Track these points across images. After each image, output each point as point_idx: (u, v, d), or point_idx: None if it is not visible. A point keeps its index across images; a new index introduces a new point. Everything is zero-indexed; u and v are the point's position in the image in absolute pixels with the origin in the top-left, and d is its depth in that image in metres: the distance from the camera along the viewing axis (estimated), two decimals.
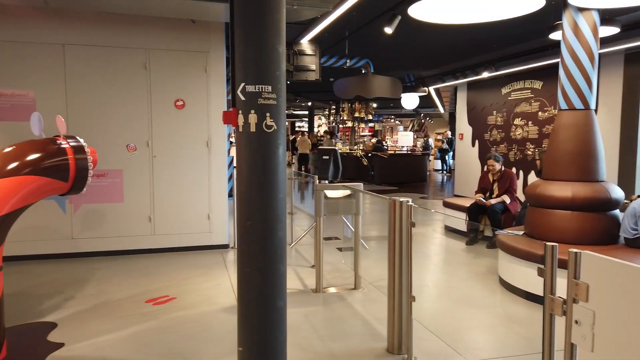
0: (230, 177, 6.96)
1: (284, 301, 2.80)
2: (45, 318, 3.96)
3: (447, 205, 7.96)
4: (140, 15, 5.74)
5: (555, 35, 6.15)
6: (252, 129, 2.61)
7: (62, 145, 3.51)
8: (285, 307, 2.82)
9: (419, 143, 21.10)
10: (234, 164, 6.63)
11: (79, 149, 3.55)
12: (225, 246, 6.39)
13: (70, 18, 5.57)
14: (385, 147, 17.34)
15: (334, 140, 16.88)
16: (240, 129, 2.65)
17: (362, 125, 19.49)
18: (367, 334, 3.73)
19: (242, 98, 2.61)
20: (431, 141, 22.86)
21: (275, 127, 2.64)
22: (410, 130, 24.81)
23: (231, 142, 9.18)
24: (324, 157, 4.44)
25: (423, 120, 26.43)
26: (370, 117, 17.39)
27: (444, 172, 19.51)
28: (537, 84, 9.60)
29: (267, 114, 2.60)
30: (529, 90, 9.82)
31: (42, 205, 5.42)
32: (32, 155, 3.37)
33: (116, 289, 4.72)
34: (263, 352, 2.72)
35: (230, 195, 6.68)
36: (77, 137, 3.65)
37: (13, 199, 3.21)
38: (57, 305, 4.25)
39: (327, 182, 4.97)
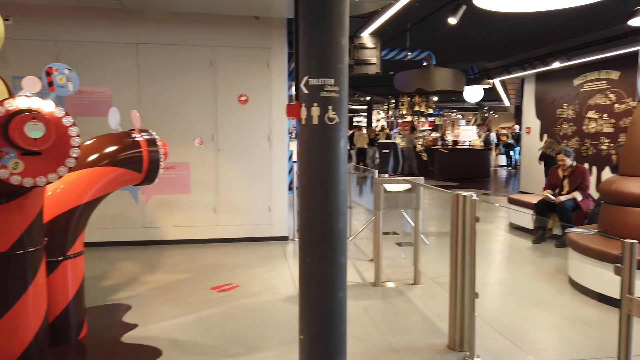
0: (290, 171, 7.09)
1: (344, 292, 2.83)
2: (120, 300, 4.25)
3: (512, 201, 7.65)
4: (207, 14, 5.96)
5: (634, 22, 5.72)
6: (315, 121, 2.65)
7: (137, 139, 3.73)
8: (345, 298, 2.84)
9: (480, 138, 20.38)
10: (294, 157, 6.73)
11: (151, 142, 3.76)
12: (285, 238, 6.52)
13: (143, 19, 5.89)
14: (444, 141, 16.88)
15: (413, 135, 16.49)
16: (303, 122, 2.69)
17: (422, 119, 19.08)
18: (427, 329, 3.69)
19: (305, 91, 2.65)
20: (493, 135, 21.99)
21: (337, 120, 2.66)
22: (473, 125, 24.02)
23: (291, 136, 9.33)
24: (384, 150, 4.40)
25: (487, 114, 25.49)
26: (430, 110, 17.00)
27: (509, 167, 18.73)
28: (614, 75, 8.97)
29: (330, 107, 2.63)
30: (605, 81, 9.19)
31: (117, 195, 5.76)
32: (109, 147, 3.61)
33: (183, 276, 4.96)
34: (323, 342, 2.77)
35: (289, 188, 6.80)
36: (150, 131, 3.86)
37: (93, 188, 3.46)
38: (131, 289, 4.54)
39: (386, 175, 4.93)
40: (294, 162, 6.98)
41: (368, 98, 22.10)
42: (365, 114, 25.44)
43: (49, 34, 5.70)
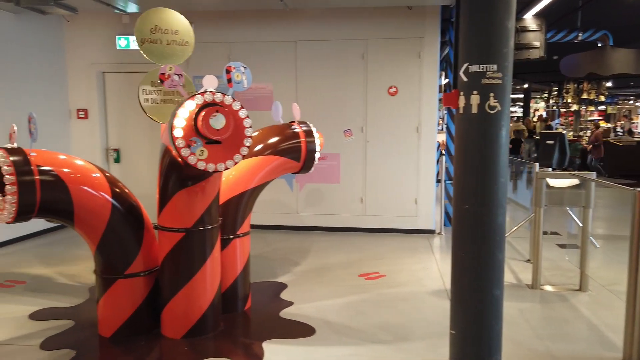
0: (437, 162, 6.92)
1: (500, 290, 2.69)
2: (278, 279, 4.62)
3: None
4: (360, 8, 6.09)
5: None
6: (474, 110, 2.55)
7: (296, 130, 4.00)
8: (502, 296, 2.70)
9: None
10: (440, 149, 6.52)
11: (309, 133, 4.00)
12: (431, 231, 6.40)
13: (301, 17, 6.26)
14: (617, 133, 14.71)
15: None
16: (461, 111, 2.61)
17: (592, 108, 16.93)
18: (595, 340, 3.31)
19: (465, 79, 2.56)
20: None
21: (499, 108, 2.52)
22: None
23: (439, 128, 9.08)
24: (548, 142, 4.02)
25: None
26: (602, 98, 14.99)
27: None
28: None
29: (491, 95, 2.51)
30: None
31: (274, 183, 6.28)
32: (272, 138, 3.93)
33: (333, 261, 5.20)
34: (477, 339, 2.67)
35: (437, 180, 6.64)
36: (308, 123, 4.11)
37: (259, 175, 3.82)
38: (286, 270, 4.91)
39: (550, 169, 4.51)
40: (441, 154, 6.80)
41: (525, 86, 20.35)
42: (522, 103, 23.47)
43: (223, 37, 6.40)
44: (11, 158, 2.72)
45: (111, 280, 3.24)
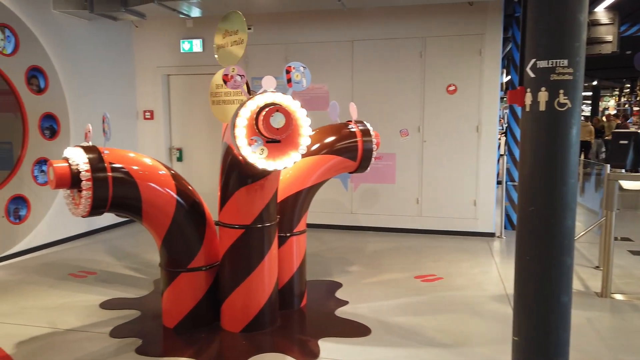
0: (497, 162, 6.68)
1: (568, 297, 2.56)
2: (333, 277, 4.64)
3: None
4: (417, 6, 6.00)
5: None
6: (542, 107, 2.44)
7: (352, 129, 4.00)
8: (570, 303, 2.56)
9: None
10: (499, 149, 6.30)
11: (366, 132, 3.99)
12: (491, 234, 6.19)
13: (358, 16, 6.25)
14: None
15: None
16: (527, 109, 2.50)
17: None
18: None
19: (532, 75, 2.45)
20: None
21: (570, 105, 2.40)
22: None
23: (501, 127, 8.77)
24: (621, 141, 3.77)
25: None
26: None
27: None
28: None
29: (561, 91, 2.38)
30: None
31: (329, 182, 6.31)
32: (329, 137, 3.95)
33: (388, 261, 5.15)
34: (542, 347, 2.55)
35: (497, 182, 6.41)
36: (365, 122, 4.09)
37: (316, 174, 3.85)
38: (341, 269, 4.91)
39: (623, 171, 4.24)
40: (501, 154, 6.55)
41: (594, 83, 19.23)
42: (590, 101, 22.20)
43: (280, 38, 6.51)
44: (87, 156, 2.90)
45: (175, 274, 3.38)
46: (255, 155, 2.79)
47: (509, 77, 7.00)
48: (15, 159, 5.20)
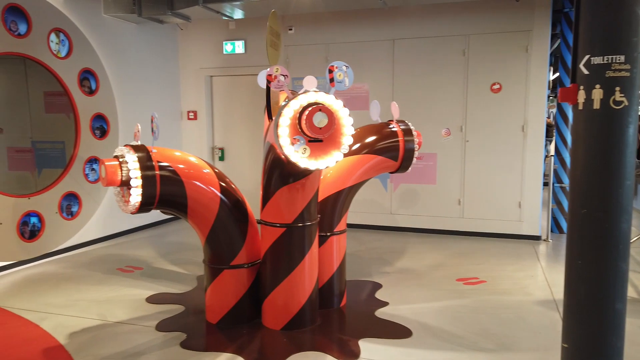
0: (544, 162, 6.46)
1: (623, 304, 2.44)
2: (372, 278, 4.61)
3: None
4: (460, 3, 5.88)
5: None
6: (596, 105, 2.33)
7: (394, 129, 3.96)
8: (625, 310, 2.45)
9: None
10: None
11: (407, 132, 3.94)
12: (537, 237, 5.99)
13: (399, 15, 6.19)
14: None
15: None
16: (580, 107, 2.41)
17: None
18: None
19: (585, 72, 2.36)
20: None
21: (626, 103, 2.29)
22: None
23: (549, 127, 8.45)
24: None
25: None
26: None
27: None
28: None
29: (617, 88, 2.28)
30: None
31: (369, 183, 6.28)
32: (370, 137, 3.93)
33: (429, 263, 5.07)
34: (594, 356, 2.45)
35: (544, 183, 6.19)
36: (406, 121, 4.05)
37: (357, 174, 3.84)
38: (381, 270, 4.88)
39: None
40: (548, 155, 6.33)
41: None
42: None
43: (320, 39, 6.53)
44: (136, 154, 3.00)
45: (218, 270, 3.45)
46: (297, 155, 2.81)
47: (557, 74, 6.75)
48: (68, 158, 5.45)
